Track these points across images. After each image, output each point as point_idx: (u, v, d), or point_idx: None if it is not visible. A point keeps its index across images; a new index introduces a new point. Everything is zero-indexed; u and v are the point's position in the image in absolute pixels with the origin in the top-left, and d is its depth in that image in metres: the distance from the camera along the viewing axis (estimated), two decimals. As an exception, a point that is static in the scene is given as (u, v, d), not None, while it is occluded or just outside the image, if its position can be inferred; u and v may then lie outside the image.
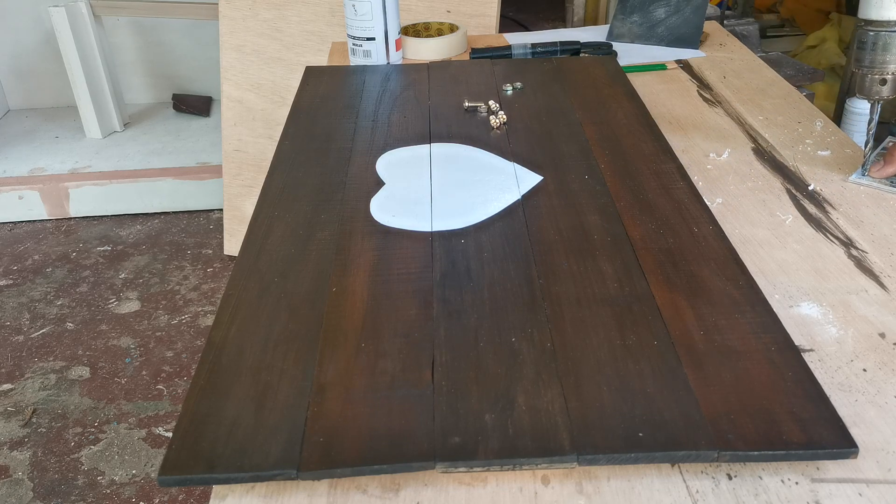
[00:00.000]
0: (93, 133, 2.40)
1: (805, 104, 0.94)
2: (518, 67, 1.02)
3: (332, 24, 1.78)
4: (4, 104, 2.63)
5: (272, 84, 1.88)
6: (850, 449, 0.44)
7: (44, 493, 1.37)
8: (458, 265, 0.60)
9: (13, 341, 1.75)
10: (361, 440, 0.44)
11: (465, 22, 1.60)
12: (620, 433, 0.44)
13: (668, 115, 0.93)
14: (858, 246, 0.66)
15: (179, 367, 1.66)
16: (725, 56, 1.13)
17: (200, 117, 2.54)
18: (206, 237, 2.15)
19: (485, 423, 0.45)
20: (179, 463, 0.43)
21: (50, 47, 2.48)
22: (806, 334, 0.55)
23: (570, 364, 0.50)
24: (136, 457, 1.44)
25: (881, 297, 0.59)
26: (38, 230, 2.21)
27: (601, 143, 0.80)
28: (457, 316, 0.55)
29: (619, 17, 1.22)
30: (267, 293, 0.57)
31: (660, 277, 0.58)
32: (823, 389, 0.48)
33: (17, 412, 1.55)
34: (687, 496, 0.43)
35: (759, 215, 0.71)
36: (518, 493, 0.44)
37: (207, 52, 2.53)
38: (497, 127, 0.85)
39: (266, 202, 0.70)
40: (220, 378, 0.49)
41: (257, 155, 1.94)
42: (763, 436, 0.44)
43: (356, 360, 0.51)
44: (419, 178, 0.74)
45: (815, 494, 0.43)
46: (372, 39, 1.07)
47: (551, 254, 0.61)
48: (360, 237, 0.64)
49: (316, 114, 0.89)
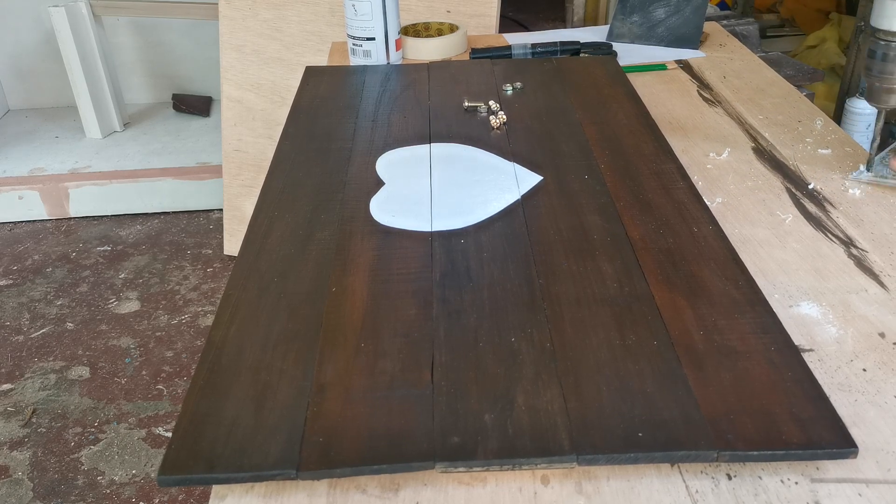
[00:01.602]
0: (93, 133, 2.40)
1: (805, 103, 0.94)
2: (518, 67, 1.02)
3: (332, 24, 1.78)
4: (4, 104, 2.63)
5: (272, 84, 1.88)
6: (850, 449, 0.44)
7: (44, 493, 1.37)
8: (457, 265, 0.60)
9: (13, 341, 1.75)
10: (361, 440, 0.44)
11: (465, 22, 1.60)
12: (620, 433, 0.44)
13: (668, 115, 0.93)
14: (858, 245, 0.66)
15: (179, 367, 1.66)
16: (725, 56, 1.13)
17: (200, 117, 2.54)
18: (206, 237, 2.15)
19: (484, 423, 0.45)
20: (179, 463, 0.43)
21: (50, 47, 2.48)
22: (806, 334, 0.55)
23: (570, 364, 0.50)
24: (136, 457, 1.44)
25: (881, 297, 0.59)
26: (37, 230, 2.21)
27: (601, 143, 0.80)
28: (456, 316, 0.54)
29: (619, 18, 1.22)
30: (267, 293, 0.57)
31: (659, 277, 0.58)
32: (823, 389, 0.48)
33: (17, 412, 1.55)
34: (686, 496, 0.43)
35: (759, 215, 0.71)
36: (517, 493, 0.44)
37: (207, 52, 2.53)
38: (497, 127, 0.85)
39: (266, 202, 0.70)
40: (219, 378, 0.49)
41: (257, 155, 1.94)
42: (763, 436, 0.44)
43: (356, 359, 0.51)
44: (419, 178, 0.74)
45: (815, 494, 0.43)
46: (372, 39, 1.07)
47: (551, 254, 0.61)
48: (360, 237, 0.64)
49: (316, 114, 0.89)
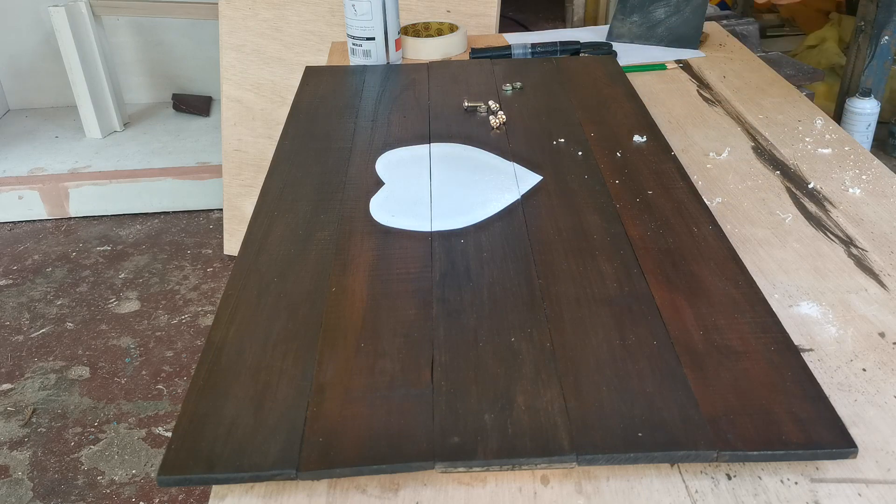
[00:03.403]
0: (93, 133, 2.40)
1: (805, 103, 0.94)
2: (518, 67, 1.02)
3: (332, 23, 1.78)
4: (4, 104, 2.63)
5: (272, 84, 1.88)
6: (850, 449, 0.44)
7: (44, 493, 1.37)
8: (457, 265, 0.60)
9: (13, 341, 1.75)
10: (360, 440, 0.44)
11: (465, 22, 1.60)
12: (620, 433, 0.44)
13: (668, 115, 0.93)
14: (858, 244, 0.66)
15: (179, 367, 1.66)
16: (725, 56, 1.13)
17: (200, 117, 2.54)
18: (206, 237, 2.15)
19: (484, 422, 0.45)
20: (179, 463, 0.43)
21: (50, 47, 2.48)
22: (805, 334, 0.55)
23: (570, 364, 0.50)
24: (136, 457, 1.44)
25: (881, 296, 0.59)
26: (37, 230, 2.21)
27: (601, 143, 0.80)
28: (456, 316, 0.54)
29: (619, 18, 1.22)
30: (266, 293, 0.57)
31: (659, 277, 0.58)
32: (823, 389, 0.48)
33: (17, 412, 1.55)
34: (686, 496, 0.43)
35: (759, 214, 0.71)
36: (517, 493, 0.44)
37: (207, 52, 2.53)
38: (497, 127, 0.85)
39: (266, 202, 0.70)
40: (219, 378, 0.49)
41: (257, 155, 1.94)
42: (762, 436, 0.44)
43: (355, 359, 0.51)
44: (419, 178, 0.74)
45: (815, 494, 0.43)
46: (372, 39, 1.07)
47: (551, 254, 0.61)
48: (360, 237, 0.64)
49: (316, 114, 0.89)
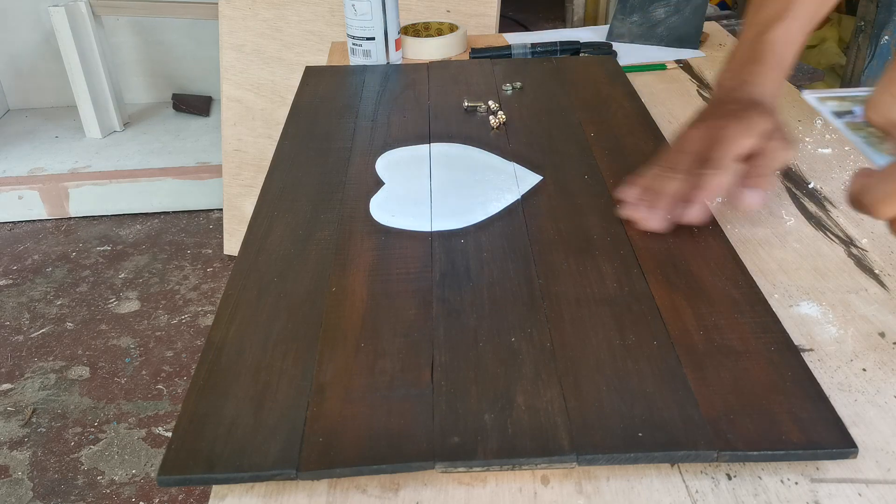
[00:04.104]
0: (92, 133, 2.40)
1: (805, 103, 0.94)
2: (518, 67, 1.02)
3: (332, 23, 1.78)
4: (4, 104, 2.63)
5: (272, 84, 1.88)
6: (850, 449, 0.44)
7: (43, 493, 1.37)
8: (457, 265, 0.60)
9: (13, 341, 1.75)
10: (361, 440, 0.44)
11: (465, 22, 1.60)
12: (620, 433, 0.44)
13: (668, 115, 0.93)
14: (858, 244, 0.66)
15: (179, 367, 1.66)
16: (725, 56, 1.13)
17: (200, 117, 2.54)
18: (206, 237, 2.15)
19: (484, 422, 0.45)
20: (179, 463, 0.43)
21: (50, 47, 2.48)
22: (805, 334, 0.55)
23: (570, 364, 0.50)
24: (136, 456, 1.44)
25: (881, 296, 0.59)
26: (37, 230, 2.21)
27: (601, 143, 0.80)
28: (456, 316, 0.54)
29: (619, 17, 1.22)
30: (266, 293, 0.57)
31: (659, 277, 0.58)
32: (823, 389, 0.48)
33: (17, 412, 1.55)
34: (686, 496, 0.43)
35: (759, 214, 0.71)
36: (517, 493, 0.44)
37: (207, 52, 2.53)
38: (497, 127, 0.85)
39: (266, 202, 0.70)
40: (219, 378, 0.49)
41: (257, 155, 1.94)
42: (762, 436, 0.44)
43: (355, 359, 0.51)
44: (419, 178, 0.74)
45: (815, 494, 0.43)
46: (372, 39, 1.07)
47: (551, 254, 0.61)
48: (360, 237, 0.64)
49: (316, 114, 0.89)
